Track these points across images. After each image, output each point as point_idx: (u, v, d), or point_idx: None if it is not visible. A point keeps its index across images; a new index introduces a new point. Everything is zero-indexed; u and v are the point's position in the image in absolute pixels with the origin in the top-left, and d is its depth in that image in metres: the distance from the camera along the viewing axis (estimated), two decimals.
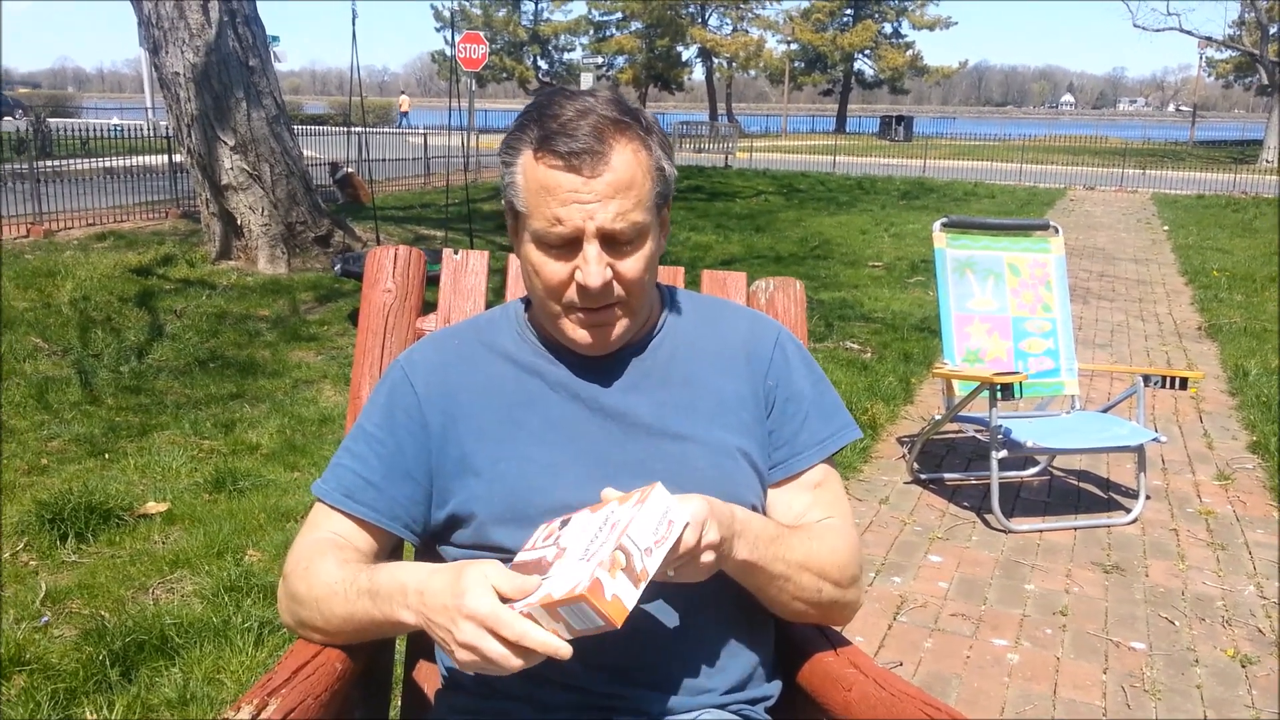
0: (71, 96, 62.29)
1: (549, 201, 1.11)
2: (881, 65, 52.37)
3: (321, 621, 1.15)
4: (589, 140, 1.10)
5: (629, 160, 1.12)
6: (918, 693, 1.10)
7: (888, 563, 3.40)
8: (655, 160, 1.16)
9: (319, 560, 1.16)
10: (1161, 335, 7.10)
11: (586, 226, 1.11)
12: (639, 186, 1.13)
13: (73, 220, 9.94)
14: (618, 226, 1.12)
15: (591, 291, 1.13)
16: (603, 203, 1.10)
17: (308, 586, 1.15)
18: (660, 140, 1.18)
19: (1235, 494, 4.11)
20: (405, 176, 16.68)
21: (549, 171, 1.11)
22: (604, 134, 1.11)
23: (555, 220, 1.11)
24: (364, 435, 1.24)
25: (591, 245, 1.12)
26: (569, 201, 1.10)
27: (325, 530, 1.21)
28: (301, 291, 7.54)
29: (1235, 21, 38.58)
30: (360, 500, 1.21)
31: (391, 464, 1.22)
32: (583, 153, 1.10)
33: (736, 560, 1.10)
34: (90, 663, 2.50)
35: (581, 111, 1.12)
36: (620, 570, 0.92)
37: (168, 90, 8.00)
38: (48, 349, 5.68)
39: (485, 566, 1.00)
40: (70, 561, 3.17)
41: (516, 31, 49.12)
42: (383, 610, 1.08)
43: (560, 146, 1.10)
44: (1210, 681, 2.70)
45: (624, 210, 1.12)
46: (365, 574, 1.11)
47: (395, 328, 1.53)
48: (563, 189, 1.10)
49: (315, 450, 4.25)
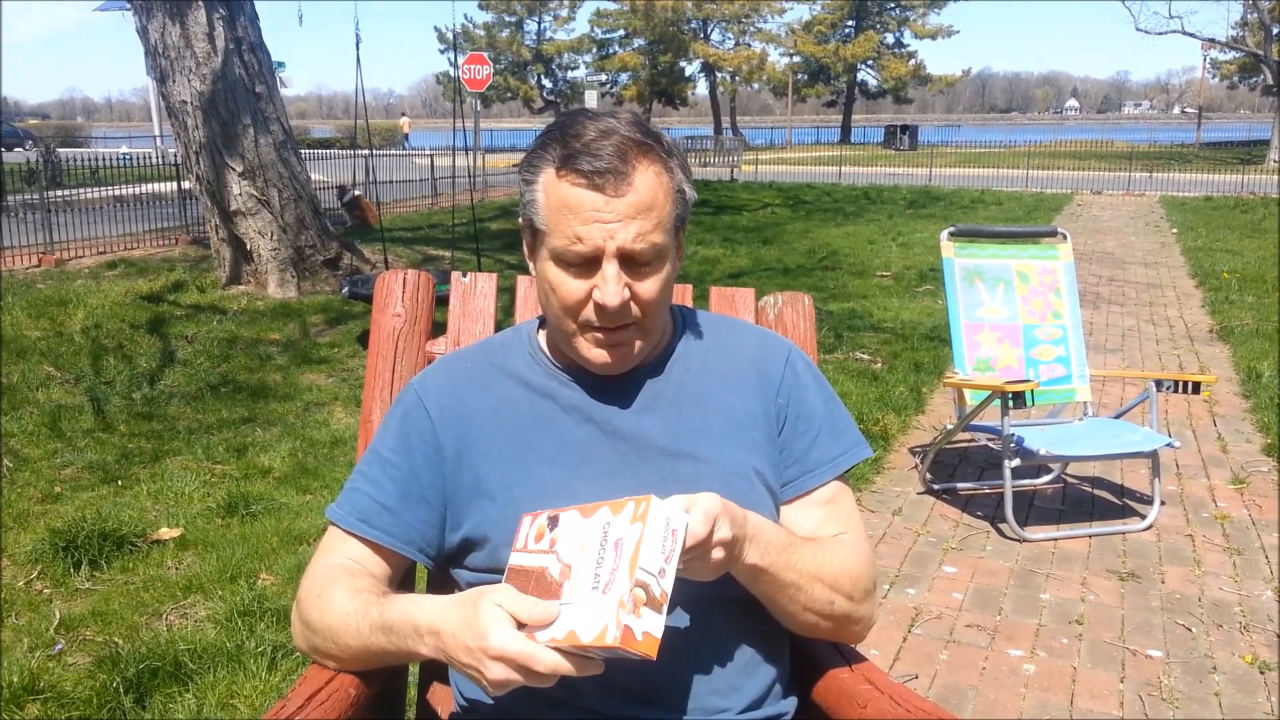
0: (80, 126, 62.81)
1: (570, 220, 1.12)
2: (885, 75, 52.53)
3: (336, 650, 1.15)
4: (613, 160, 1.11)
5: (651, 182, 1.13)
6: (933, 709, 1.09)
7: (902, 574, 3.39)
8: (677, 183, 1.17)
9: (331, 588, 1.16)
10: (1173, 339, 7.07)
11: (607, 246, 1.11)
12: (660, 208, 1.14)
13: (83, 249, 10.02)
14: (638, 247, 1.12)
15: (609, 311, 1.14)
16: (624, 223, 1.11)
17: (320, 615, 1.15)
18: (681, 164, 1.19)
19: (1251, 498, 4.08)
20: (412, 198, 16.77)
21: (572, 189, 1.12)
22: (628, 155, 1.11)
23: (576, 239, 1.12)
24: (378, 460, 1.25)
25: (611, 265, 1.12)
26: (590, 220, 1.11)
27: (339, 555, 1.21)
28: (311, 315, 7.58)
29: (1238, 23, 38.60)
30: (375, 525, 1.21)
31: (406, 488, 1.22)
32: (607, 172, 1.10)
33: (746, 564, 1.10)
34: (104, 690, 2.51)
35: (605, 132, 1.12)
36: (643, 605, 0.92)
37: (175, 118, 8.08)
38: (60, 377, 5.72)
39: (495, 596, 0.99)
40: (84, 589, 3.18)
41: (520, 51, 49.46)
42: (397, 645, 1.08)
43: (584, 165, 1.10)
44: (1229, 689, 2.68)
45: (644, 231, 1.12)
46: (377, 608, 1.11)
47: (405, 351, 1.54)
48: (585, 207, 1.11)
49: (327, 473, 4.26)
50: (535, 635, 0.95)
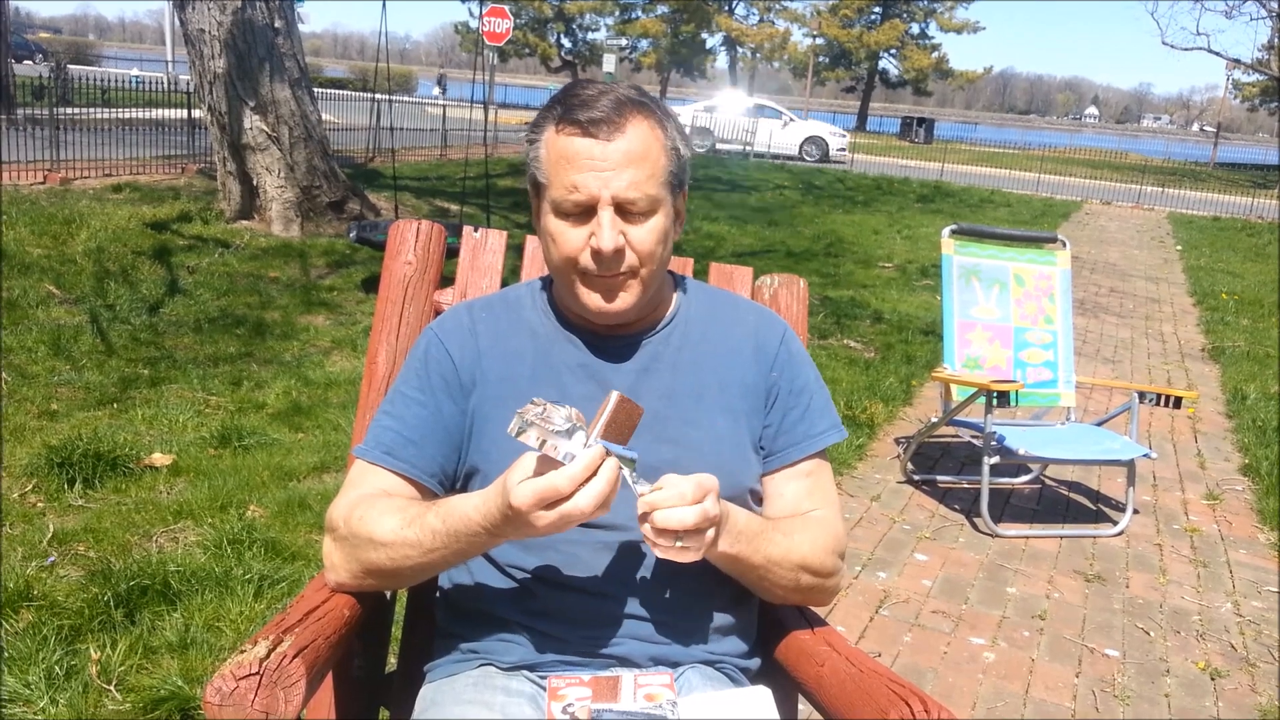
0: (92, 45, 62.17)
1: (567, 169, 1.20)
2: (906, 66, 52.16)
3: (388, 560, 1.19)
4: (607, 111, 1.19)
5: (645, 134, 1.21)
6: (886, 671, 1.17)
7: (874, 558, 3.47)
8: (671, 140, 1.25)
9: (370, 510, 1.21)
10: (1165, 354, 7.15)
11: (601, 195, 1.19)
12: (653, 160, 1.21)
13: (89, 170, 9.98)
14: (631, 195, 1.20)
15: (605, 255, 1.20)
16: (617, 171, 1.19)
17: (369, 530, 1.20)
18: (676, 126, 1.27)
19: (1222, 514, 4.17)
20: (423, 146, 16.71)
21: (568, 140, 1.20)
22: (623, 108, 1.20)
23: (572, 187, 1.19)
24: (401, 398, 1.31)
25: (606, 211, 1.20)
26: (585, 169, 1.19)
27: (368, 485, 1.27)
28: (315, 256, 7.61)
29: (1264, 45, 38.37)
30: (400, 457, 1.28)
31: (431, 424, 1.29)
32: (600, 121, 1.19)
33: (717, 551, 1.17)
34: (95, 603, 2.58)
35: (603, 90, 1.22)
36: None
37: (192, 46, 8.04)
38: (61, 296, 5.76)
39: (507, 478, 1.07)
40: (77, 505, 3.25)
41: (542, 8, 48.95)
42: (460, 532, 1.14)
43: (580, 115, 1.19)
44: (1179, 691, 2.77)
45: (637, 180, 1.20)
46: (431, 512, 1.17)
47: (414, 299, 1.60)
48: (580, 156, 1.19)
49: (320, 413, 4.32)
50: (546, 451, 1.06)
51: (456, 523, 1.14)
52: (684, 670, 1.25)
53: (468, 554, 1.19)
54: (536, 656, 1.24)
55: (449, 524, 1.14)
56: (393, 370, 1.50)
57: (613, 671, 1.22)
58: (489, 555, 1.27)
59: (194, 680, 2.29)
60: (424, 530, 1.16)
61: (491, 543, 1.15)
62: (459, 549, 1.16)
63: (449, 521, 1.14)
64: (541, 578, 1.25)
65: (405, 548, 1.17)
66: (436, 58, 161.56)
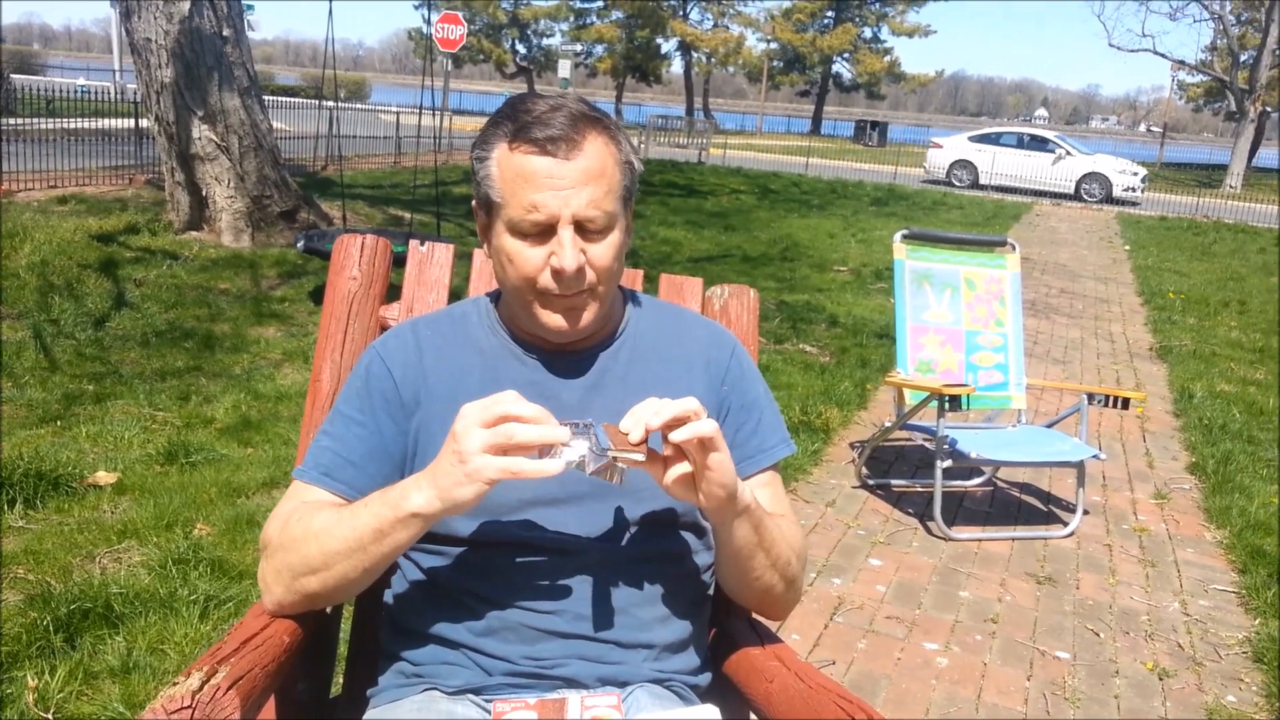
0: (36, 54, 60.90)
1: (525, 188, 1.17)
2: (859, 69, 52.70)
3: (320, 559, 1.16)
4: (565, 128, 1.17)
5: (601, 150, 1.20)
6: (835, 687, 1.16)
7: (829, 564, 3.49)
8: (624, 154, 1.24)
9: (302, 519, 1.20)
10: (1114, 354, 7.27)
11: (562, 213, 1.17)
12: (610, 176, 1.20)
13: (33, 181, 9.76)
14: (591, 213, 1.18)
15: (566, 275, 1.19)
16: (576, 189, 1.17)
17: (303, 530, 1.18)
18: (627, 140, 1.26)
19: (1170, 513, 4.24)
20: (376, 154, 16.57)
21: (525, 158, 1.18)
22: (578, 124, 1.19)
23: (532, 207, 1.17)
24: (341, 418, 1.29)
25: (566, 230, 1.18)
26: (545, 188, 1.17)
27: (301, 501, 1.25)
28: (266, 267, 7.50)
29: (1208, 46, 39.31)
30: (338, 478, 1.25)
31: (371, 445, 1.26)
32: (559, 139, 1.17)
33: (745, 500, 1.18)
34: (34, 628, 2.51)
35: (555, 106, 1.20)
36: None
37: (138, 56, 7.90)
38: (3, 312, 5.62)
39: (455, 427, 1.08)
40: (17, 527, 3.17)
41: (496, 14, 48.83)
42: (392, 508, 1.12)
43: (537, 134, 1.17)
44: (1128, 692, 2.81)
45: (596, 198, 1.18)
46: (359, 505, 1.17)
47: (359, 314, 1.57)
48: (539, 175, 1.17)
49: (270, 427, 4.25)
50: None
51: (388, 492, 1.14)
52: (632, 690, 1.24)
53: (397, 535, 1.13)
54: (482, 679, 1.23)
55: (380, 496, 1.15)
56: (337, 387, 1.48)
57: (559, 693, 1.21)
58: (432, 574, 1.25)
59: (136, 705, 2.23)
60: (354, 509, 1.16)
61: (424, 508, 1.10)
62: (388, 519, 1.12)
63: (381, 495, 1.15)
64: (485, 597, 1.23)
65: (335, 528, 1.15)
66: (390, 64, 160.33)
